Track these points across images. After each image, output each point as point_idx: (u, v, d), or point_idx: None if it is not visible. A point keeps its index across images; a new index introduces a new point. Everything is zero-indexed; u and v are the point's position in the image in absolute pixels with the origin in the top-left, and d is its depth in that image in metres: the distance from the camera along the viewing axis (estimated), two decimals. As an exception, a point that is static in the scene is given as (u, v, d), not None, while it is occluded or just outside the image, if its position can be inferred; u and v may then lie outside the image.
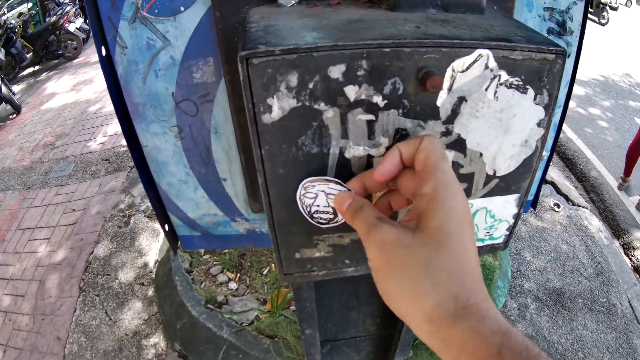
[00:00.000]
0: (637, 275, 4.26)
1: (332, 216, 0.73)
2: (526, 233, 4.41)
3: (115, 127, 6.73)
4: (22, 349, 3.71)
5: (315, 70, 0.62)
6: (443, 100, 0.68)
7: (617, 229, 4.82)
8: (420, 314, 0.50)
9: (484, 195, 0.82)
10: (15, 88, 9.89)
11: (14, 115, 8.48)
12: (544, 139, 0.76)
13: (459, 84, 0.67)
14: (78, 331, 3.73)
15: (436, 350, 0.51)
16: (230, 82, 0.93)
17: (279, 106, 0.63)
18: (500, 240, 0.94)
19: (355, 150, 0.69)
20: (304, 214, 0.72)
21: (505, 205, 0.85)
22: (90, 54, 11.18)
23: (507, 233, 0.93)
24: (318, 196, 0.70)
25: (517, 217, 0.89)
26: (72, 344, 3.64)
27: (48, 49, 11.06)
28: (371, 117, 0.67)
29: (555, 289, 3.86)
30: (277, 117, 0.64)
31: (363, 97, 0.65)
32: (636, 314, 3.77)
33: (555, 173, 5.43)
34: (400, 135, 0.69)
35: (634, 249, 4.52)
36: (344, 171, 0.71)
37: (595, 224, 4.64)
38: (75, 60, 11.29)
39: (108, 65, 0.93)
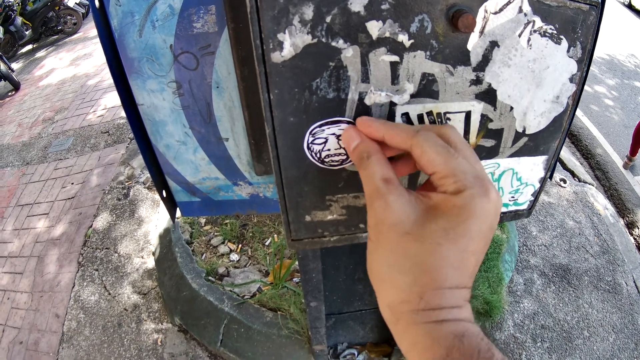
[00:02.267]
0: (643, 256, 4.22)
1: (344, 157, 0.67)
2: (532, 207, 4.35)
3: (115, 99, 6.67)
4: (20, 328, 3.69)
5: (333, 2, 0.55)
6: (474, 43, 0.62)
7: (622, 208, 4.77)
8: (386, 301, 0.52)
9: (512, 155, 0.76)
10: (15, 65, 9.94)
11: (13, 92, 8.51)
12: (575, 96, 0.72)
13: (492, 26, 0.61)
14: (77, 307, 3.70)
15: (394, 337, 0.52)
16: (234, 31, 0.85)
17: (291, 43, 0.56)
18: (525, 207, 0.89)
19: (377, 97, 0.62)
20: (314, 160, 0.66)
21: (533, 168, 0.81)
22: (90, 29, 11.13)
23: (532, 199, 0.88)
24: (328, 140, 0.65)
25: (543, 181, 0.85)
26: (71, 320, 3.62)
27: (47, 25, 11.03)
28: (395, 58, 0.60)
29: (561, 265, 3.82)
30: (289, 55, 0.57)
31: (387, 34, 0.58)
32: (642, 295, 3.73)
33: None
34: (427, 80, 0.62)
35: (638, 228, 4.48)
36: None
37: (601, 201, 4.59)
38: (75, 36, 11.27)
39: (102, 19, 0.86)
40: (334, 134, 0.64)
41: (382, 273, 0.52)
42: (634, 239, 4.41)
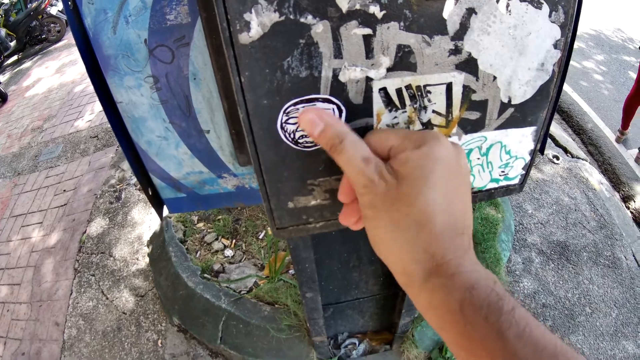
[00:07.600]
0: (640, 229, 4.21)
1: None
2: (526, 185, 4.32)
3: (102, 104, 6.66)
4: (21, 339, 3.68)
5: None
6: (450, 11, 0.60)
7: (617, 182, 4.77)
8: (399, 267, 0.54)
9: (499, 127, 0.74)
10: (1, 77, 9.96)
11: (0, 104, 8.49)
12: (560, 63, 0.69)
13: None
14: (76, 314, 3.68)
15: (412, 300, 0.55)
16: (207, 20, 0.83)
17: (258, 22, 0.54)
18: (516, 181, 0.87)
19: (352, 72, 0.60)
20: (287, 141, 0.64)
21: (522, 140, 0.78)
22: (74, 36, 11.12)
23: (524, 172, 0.86)
24: None
25: (533, 153, 0.82)
26: (71, 328, 3.61)
27: (31, 35, 11.03)
28: (368, 31, 0.58)
29: (559, 242, 3.81)
30: (257, 35, 0.55)
31: (357, 6, 0.56)
32: (642, 269, 3.73)
33: (552, 125, 5.36)
34: (403, 52, 0.60)
35: (635, 202, 4.48)
36: (339, 98, 0.62)
37: (595, 176, 4.57)
38: (59, 43, 11.28)
39: (76, 20, 0.84)
40: None
41: (389, 245, 0.54)
42: (631, 212, 4.41)
